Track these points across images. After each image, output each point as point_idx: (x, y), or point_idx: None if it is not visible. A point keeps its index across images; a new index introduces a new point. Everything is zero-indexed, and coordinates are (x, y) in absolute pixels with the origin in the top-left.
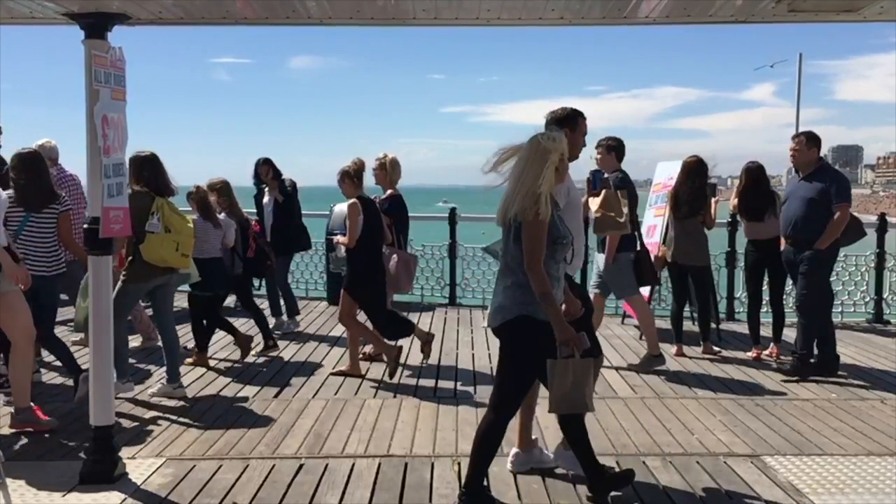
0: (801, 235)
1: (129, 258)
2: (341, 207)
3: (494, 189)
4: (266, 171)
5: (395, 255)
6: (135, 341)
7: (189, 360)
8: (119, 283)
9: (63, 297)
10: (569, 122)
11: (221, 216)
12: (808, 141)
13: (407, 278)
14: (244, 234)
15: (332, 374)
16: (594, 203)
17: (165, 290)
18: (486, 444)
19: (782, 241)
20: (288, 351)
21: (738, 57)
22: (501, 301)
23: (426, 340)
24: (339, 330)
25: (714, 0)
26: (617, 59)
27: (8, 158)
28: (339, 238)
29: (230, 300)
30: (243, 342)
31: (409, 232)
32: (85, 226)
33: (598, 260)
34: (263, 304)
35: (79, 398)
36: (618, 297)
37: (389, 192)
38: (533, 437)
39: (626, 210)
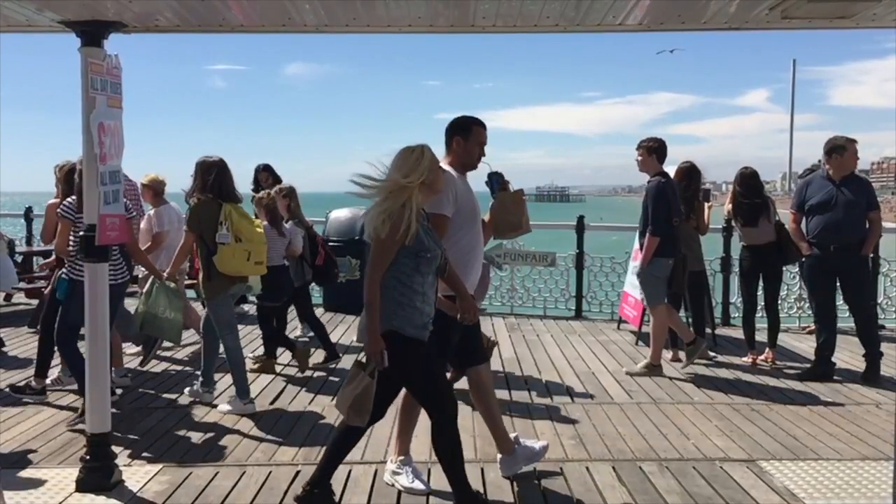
0: (850, 240)
1: (205, 273)
2: (337, 214)
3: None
4: (266, 178)
5: None
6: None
7: (255, 366)
8: (207, 305)
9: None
10: (460, 131)
11: (288, 224)
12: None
13: (481, 288)
14: (312, 242)
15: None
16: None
17: (232, 298)
18: (442, 449)
19: (805, 246)
20: (284, 357)
21: (732, 63)
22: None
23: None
24: (335, 336)
25: (708, 7)
26: (612, 65)
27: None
28: None
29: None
30: (301, 355)
31: None
32: (81, 233)
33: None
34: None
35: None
36: (645, 301)
37: None
38: (512, 435)
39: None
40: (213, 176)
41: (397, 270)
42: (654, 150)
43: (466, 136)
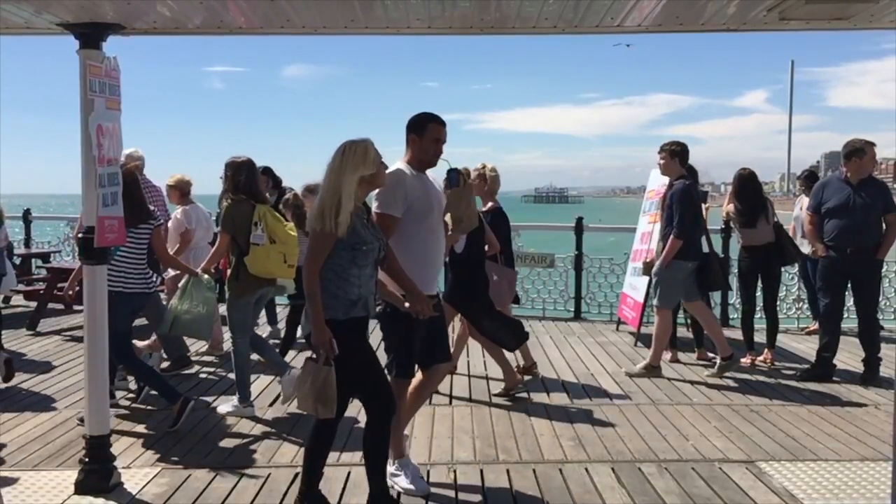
0: (866, 244)
1: (233, 272)
2: None
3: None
4: (266, 180)
5: (497, 273)
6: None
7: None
8: (228, 304)
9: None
10: (415, 129)
11: None
12: None
13: (509, 291)
14: None
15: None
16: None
17: (259, 301)
18: (370, 442)
19: (822, 248)
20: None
21: (730, 64)
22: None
23: (528, 367)
24: None
25: (706, 8)
26: (610, 66)
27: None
28: None
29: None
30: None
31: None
32: (80, 235)
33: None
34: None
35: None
36: (656, 302)
37: (490, 204)
38: (409, 449)
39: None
40: (243, 176)
41: (334, 263)
42: (676, 154)
43: (421, 133)
